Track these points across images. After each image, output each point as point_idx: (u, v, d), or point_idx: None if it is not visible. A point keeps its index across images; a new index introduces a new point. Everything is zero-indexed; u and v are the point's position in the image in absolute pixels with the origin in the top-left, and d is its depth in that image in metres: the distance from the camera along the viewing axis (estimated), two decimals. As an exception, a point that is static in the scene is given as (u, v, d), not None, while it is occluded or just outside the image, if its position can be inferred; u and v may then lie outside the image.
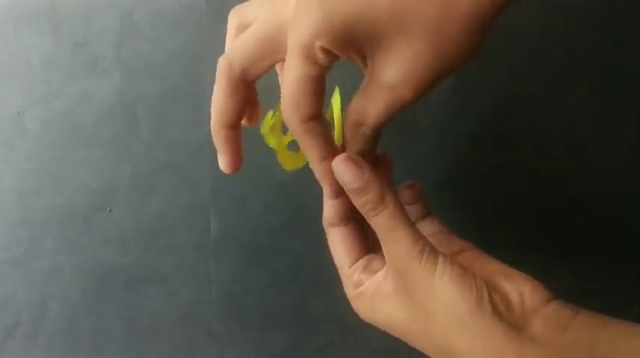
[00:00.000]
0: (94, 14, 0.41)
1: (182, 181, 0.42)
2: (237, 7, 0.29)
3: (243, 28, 0.28)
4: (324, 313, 0.42)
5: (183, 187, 0.42)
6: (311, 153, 0.26)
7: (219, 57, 0.29)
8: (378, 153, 0.30)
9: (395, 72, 0.24)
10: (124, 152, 0.42)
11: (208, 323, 0.43)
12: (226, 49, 0.30)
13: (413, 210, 0.32)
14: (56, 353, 0.43)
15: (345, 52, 0.24)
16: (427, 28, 0.23)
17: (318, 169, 0.27)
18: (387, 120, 0.26)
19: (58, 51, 0.41)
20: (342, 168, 0.26)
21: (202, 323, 0.43)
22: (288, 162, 0.31)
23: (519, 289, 0.25)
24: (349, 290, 0.29)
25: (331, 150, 0.26)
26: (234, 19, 0.29)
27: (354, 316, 0.34)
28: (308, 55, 0.24)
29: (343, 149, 0.27)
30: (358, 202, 0.27)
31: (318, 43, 0.23)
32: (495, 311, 0.24)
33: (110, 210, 0.42)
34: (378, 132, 0.26)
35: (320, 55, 0.24)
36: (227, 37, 0.30)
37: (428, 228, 0.32)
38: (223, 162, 0.30)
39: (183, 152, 0.42)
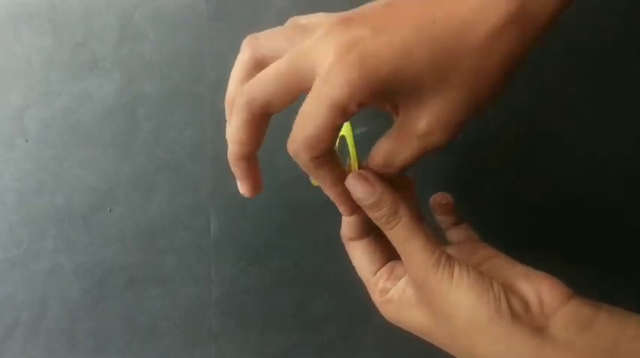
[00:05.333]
0: (94, 14, 0.41)
1: (182, 181, 0.42)
2: (252, 37, 0.28)
3: (255, 60, 0.28)
4: (324, 313, 0.42)
5: (183, 187, 0.42)
6: (323, 182, 0.27)
7: (219, 57, 0.29)
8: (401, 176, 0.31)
9: (430, 119, 0.25)
10: (124, 152, 0.42)
11: (208, 323, 0.43)
12: (232, 78, 0.29)
13: (445, 219, 0.34)
14: (56, 353, 0.43)
15: (379, 104, 0.25)
16: (464, 78, 0.24)
17: (331, 194, 0.28)
18: (415, 163, 0.27)
19: (58, 51, 0.41)
20: (356, 186, 0.27)
21: (202, 323, 0.43)
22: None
23: (537, 289, 0.25)
24: (376, 298, 0.30)
25: (342, 175, 0.27)
26: (247, 50, 0.28)
27: (354, 316, 0.34)
28: (342, 109, 0.24)
29: None
30: (373, 216, 0.28)
31: (356, 100, 0.23)
32: (515, 316, 0.24)
33: (110, 210, 0.42)
34: (403, 172, 0.28)
35: (354, 109, 0.24)
36: (236, 66, 0.29)
37: (457, 234, 0.33)
38: (244, 189, 0.30)
39: (183, 152, 0.42)
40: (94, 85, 0.41)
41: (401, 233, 0.27)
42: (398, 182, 0.32)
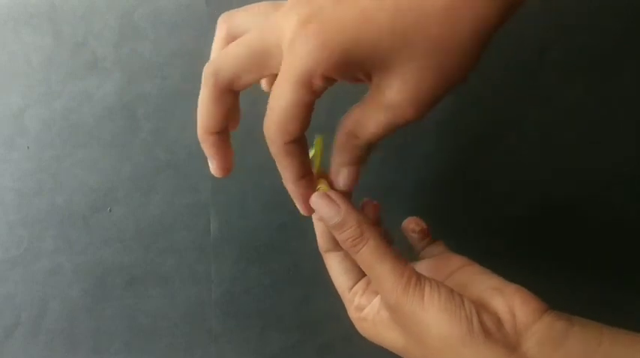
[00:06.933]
0: (94, 14, 0.41)
1: (182, 181, 0.42)
2: (227, 14, 0.28)
3: (231, 36, 0.28)
4: (324, 313, 0.42)
5: (183, 187, 0.42)
6: (286, 173, 0.27)
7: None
8: (364, 201, 0.31)
9: (398, 90, 0.24)
10: (124, 152, 0.42)
11: (208, 323, 0.43)
12: (212, 56, 0.29)
13: (418, 242, 0.33)
14: (56, 352, 0.43)
15: (347, 75, 0.24)
16: (430, 45, 0.23)
17: (291, 188, 0.27)
18: (384, 137, 0.25)
19: (58, 51, 0.41)
20: (320, 205, 0.27)
21: (202, 323, 0.43)
22: None
23: (510, 304, 0.25)
24: (351, 313, 0.30)
25: (306, 170, 0.27)
26: (223, 25, 0.28)
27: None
28: (305, 82, 0.23)
29: (316, 177, 0.28)
30: (339, 238, 0.27)
31: (319, 71, 0.23)
32: (488, 335, 0.24)
33: (110, 210, 0.42)
34: (371, 146, 0.26)
35: (319, 83, 0.23)
36: (214, 43, 0.29)
37: (431, 250, 0.32)
38: (214, 167, 0.29)
39: (183, 152, 0.42)
40: (94, 85, 0.41)
41: (368, 256, 0.26)
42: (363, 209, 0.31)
